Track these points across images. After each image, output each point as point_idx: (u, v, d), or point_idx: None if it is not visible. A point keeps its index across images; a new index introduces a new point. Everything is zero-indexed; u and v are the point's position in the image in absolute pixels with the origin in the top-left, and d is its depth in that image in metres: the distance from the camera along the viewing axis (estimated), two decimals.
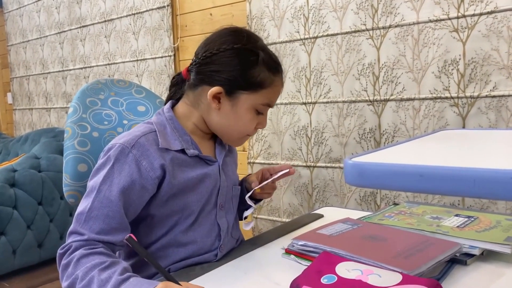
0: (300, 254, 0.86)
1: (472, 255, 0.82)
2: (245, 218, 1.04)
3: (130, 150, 0.83)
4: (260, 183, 0.99)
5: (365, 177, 0.44)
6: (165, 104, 0.97)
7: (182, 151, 0.89)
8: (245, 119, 0.90)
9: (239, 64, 0.87)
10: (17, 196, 2.30)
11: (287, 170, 0.96)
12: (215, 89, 0.87)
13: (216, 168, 0.93)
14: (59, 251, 0.78)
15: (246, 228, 1.00)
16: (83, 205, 0.81)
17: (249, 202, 0.99)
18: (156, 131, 0.88)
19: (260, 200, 1.07)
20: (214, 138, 0.97)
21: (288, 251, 0.88)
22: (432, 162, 0.46)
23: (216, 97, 0.89)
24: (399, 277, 0.67)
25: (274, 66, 0.89)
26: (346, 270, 0.71)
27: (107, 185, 0.81)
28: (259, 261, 0.89)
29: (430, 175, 0.40)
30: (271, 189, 1.03)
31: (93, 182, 0.82)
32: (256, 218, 2.12)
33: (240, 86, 0.87)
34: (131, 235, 0.71)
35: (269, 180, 0.97)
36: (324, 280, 0.69)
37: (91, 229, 0.78)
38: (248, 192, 0.99)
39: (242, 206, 1.04)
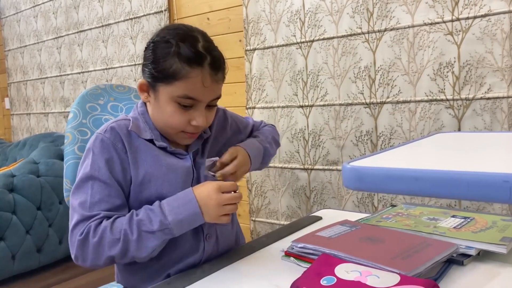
0: (300, 256, 0.87)
1: (468, 256, 0.83)
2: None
3: (103, 135, 0.90)
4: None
5: (363, 181, 0.45)
6: None
7: (152, 142, 0.92)
8: (167, 111, 0.89)
9: (155, 57, 0.89)
10: (16, 201, 2.30)
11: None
12: (140, 81, 0.93)
13: (187, 162, 0.94)
14: (78, 237, 0.82)
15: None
16: (82, 195, 0.86)
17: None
18: (130, 120, 0.93)
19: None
20: None
21: (287, 254, 0.89)
22: (428, 166, 0.47)
23: (145, 89, 0.93)
24: (397, 278, 0.68)
25: (190, 57, 0.86)
26: (345, 271, 0.72)
27: (96, 170, 0.87)
28: (259, 264, 0.90)
29: (425, 178, 0.42)
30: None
31: (82, 173, 0.88)
32: (255, 221, 2.13)
33: (157, 78, 0.89)
34: None
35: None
36: (323, 281, 0.70)
37: (100, 209, 0.84)
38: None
39: None
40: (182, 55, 0.86)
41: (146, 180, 0.89)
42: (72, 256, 0.85)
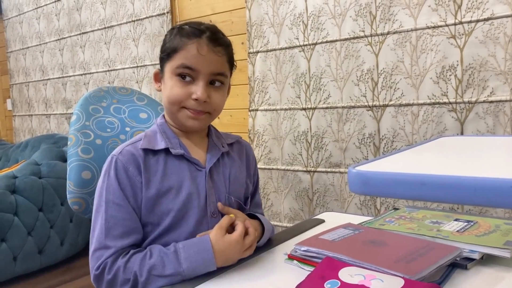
0: (303, 260, 0.86)
1: (472, 259, 0.83)
2: None
3: (117, 157, 0.90)
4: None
5: (369, 185, 0.45)
6: None
7: (168, 152, 0.92)
8: (169, 85, 0.92)
9: (163, 45, 0.95)
10: (17, 202, 2.31)
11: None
12: (154, 71, 0.98)
13: (202, 175, 0.93)
14: (95, 272, 0.85)
15: None
16: (99, 220, 0.87)
17: None
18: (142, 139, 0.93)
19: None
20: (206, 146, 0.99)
21: (290, 257, 0.89)
22: (433, 171, 0.47)
23: (158, 78, 0.98)
24: (401, 282, 0.68)
25: (188, 32, 0.91)
26: (349, 275, 0.72)
27: (110, 194, 0.88)
28: (262, 267, 0.89)
29: (432, 183, 0.42)
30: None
31: (99, 195, 0.89)
32: None
33: (163, 59, 0.94)
34: None
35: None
36: (327, 285, 0.70)
37: (115, 237, 0.86)
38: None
39: None
40: (182, 32, 0.92)
41: (158, 197, 0.89)
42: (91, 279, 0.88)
